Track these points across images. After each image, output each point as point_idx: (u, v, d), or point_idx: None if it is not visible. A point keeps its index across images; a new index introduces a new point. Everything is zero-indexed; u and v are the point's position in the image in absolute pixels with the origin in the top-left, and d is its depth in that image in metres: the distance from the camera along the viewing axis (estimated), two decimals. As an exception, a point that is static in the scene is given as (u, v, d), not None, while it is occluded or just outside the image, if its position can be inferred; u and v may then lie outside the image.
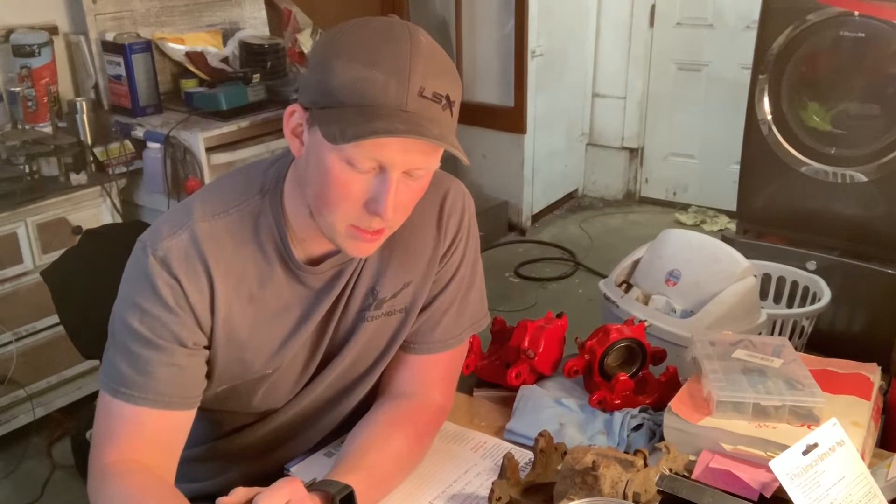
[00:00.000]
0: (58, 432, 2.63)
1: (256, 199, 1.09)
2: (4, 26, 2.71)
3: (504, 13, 4.10)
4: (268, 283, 1.09)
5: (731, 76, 4.15)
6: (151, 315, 1.03)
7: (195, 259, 1.04)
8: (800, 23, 2.61)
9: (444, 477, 1.17)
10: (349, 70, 0.94)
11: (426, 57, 0.95)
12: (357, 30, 0.97)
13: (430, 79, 0.95)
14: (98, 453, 1.04)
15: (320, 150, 0.98)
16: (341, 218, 1.01)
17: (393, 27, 0.97)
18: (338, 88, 0.94)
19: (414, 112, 0.94)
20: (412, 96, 0.94)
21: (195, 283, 1.04)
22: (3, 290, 2.44)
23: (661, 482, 1.05)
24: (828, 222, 2.73)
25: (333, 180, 0.98)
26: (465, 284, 1.23)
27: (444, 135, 0.96)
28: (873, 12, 2.38)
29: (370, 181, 0.98)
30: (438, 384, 1.23)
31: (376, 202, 0.98)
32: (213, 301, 1.06)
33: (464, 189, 1.23)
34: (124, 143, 2.74)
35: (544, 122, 4.30)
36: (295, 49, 3.39)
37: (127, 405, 1.03)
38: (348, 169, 0.97)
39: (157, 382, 1.03)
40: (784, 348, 1.29)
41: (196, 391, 1.08)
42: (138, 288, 1.04)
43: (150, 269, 1.03)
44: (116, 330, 1.06)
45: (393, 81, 0.93)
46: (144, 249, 1.04)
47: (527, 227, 4.37)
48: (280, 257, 1.09)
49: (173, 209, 1.11)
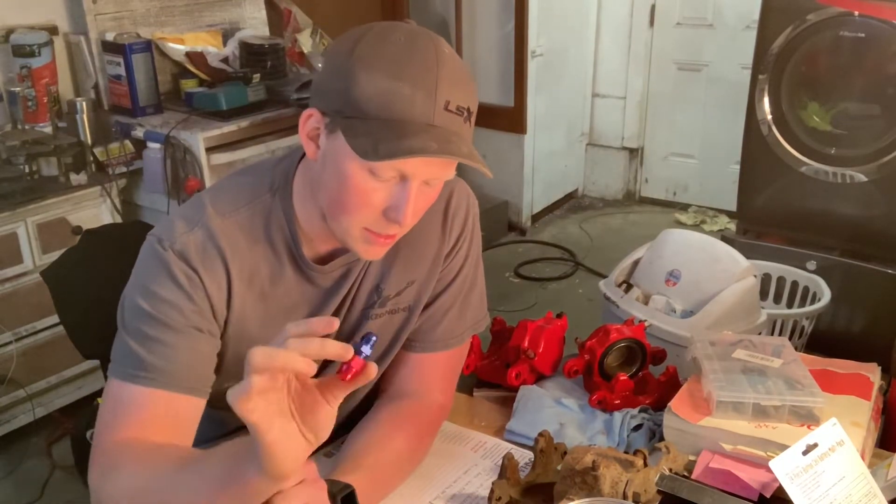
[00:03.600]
0: (58, 432, 2.62)
1: (266, 197, 1.09)
2: (4, 26, 2.71)
3: (504, 13, 4.10)
4: (278, 281, 1.10)
5: (731, 76, 4.15)
6: (168, 301, 1.02)
7: (213, 253, 1.04)
8: (800, 23, 2.61)
9: (444, 477, 1.18)
10: (375, 81, 0.94)
11: (451, 70, 0.96)
12: (381, 39, 0.97)
13: (455, 92, 0.96)
14: (104, 438, 1.00)
15: (340, 156, 0.98)
16: (357, 223, 1.01)
17: (417, 38, 0.97)
18: (363, 99, 0.94)
19: (441, 127, 0.95)
20: (439, 110, 0.95)
21: (213, 276, 1.04)
22: (3, 290, 2.44)
23: (661, 482, 1.05)
24: (828, 222, 2.73)
25: (353, 188, 0.98)
26: (467, 284, 1.24)
27: (472, 151, 0.97)
28: (873, 12, 2.38)
29: (390, 189, 0.99)
30: (439, 384, 1.24)
31: (396, 210, 0.99)
32: (230, 295, 1.06)
33: (468, 190, 1.24)
34: (124, 143, 2.74)
35: (544, 122, 4.30)
36: (295, 49, 3.39)
37: (140, 388, 1.00)
38: (370, 178, 0.97)
39: (173, 365, 1.01)
40: (784, 348, 1.29)
41: (209, 379, 1.07)
42: (154, 277, 1.03)
43: (168, 261, 1.02)
44: (128, 318, 1.04)
45: (420, 95, 0.94)
46: (160, 243, 1.04)
47: (527, 227, 4.37)
48: (290, 255, 1.10)
49: (184, 206, 1.11)
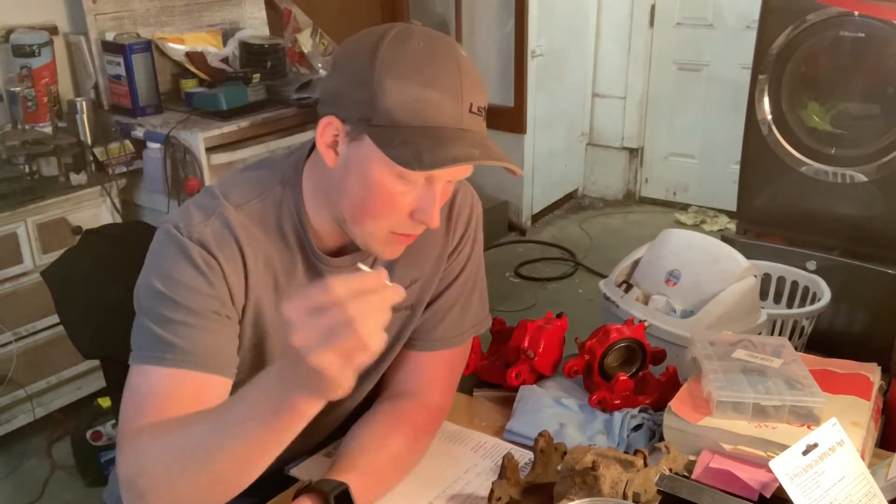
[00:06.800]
0: (58, 432, 2.62)
1: (277, 189, 1.10)
2: (4, 26, 2.71)
3: (504, 13, 4.10)
4: (292, 275, 1.10)
5: (731, 76, 4.15)
6: (189, 286, 1.02)
7: (231, 242, 1.05)
8: (800, 23, 2.61)
9: (444, 477, 1.17)
10: (404, 90, 0.95)
11: (470, 72, 0.99)
12: (401, 45, 0.97)
13: (476, 94, 0.99)
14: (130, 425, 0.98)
15: (367, 162, 0.99)
16: (384, 227, 1.03)
17: (435, 42, 0.99)
18: (393, 108, 0.95)
19: (470, 130, 0.98)
20: (465, 114, 0.97)
21: (232, 264, 1.04)
22: (3, 290, 2.44)
23: (661, 482, 1.05)
24: (828, 222, 2.73)
25: (383, 192, 1.00)
26: (469, 284, 1.24)
27: (502, 152, 0.99)
28: (873, 12, 2.37)
29: (417, 192, 1.01)
30: (438, 383, 1.24)
31: (424, 212, 1.01)
32: (247, 284, 1.07)
33: (472, 191, 1.25)
34: (124, 143, 2.73)
35: (544, 122, 4.30)
36: (295, 49, 3.39)
37: (166, 370, 0.99)
38: (399, 182, 0.99)
39: (199, 346, 1.00)
40: (784, 348, 1.29)
41: (235, 360, 1.06)
42: (173, 263, 1.03)
43: (187, 247, 1.02)
44: (147, 304, 1.03)
45: (448, 100, 0.96)
46: (178, 230, 1.04)
47: (527, 227, 4.37)
48: (301, 247, 1.10)
49: (197, 197, 1.11)
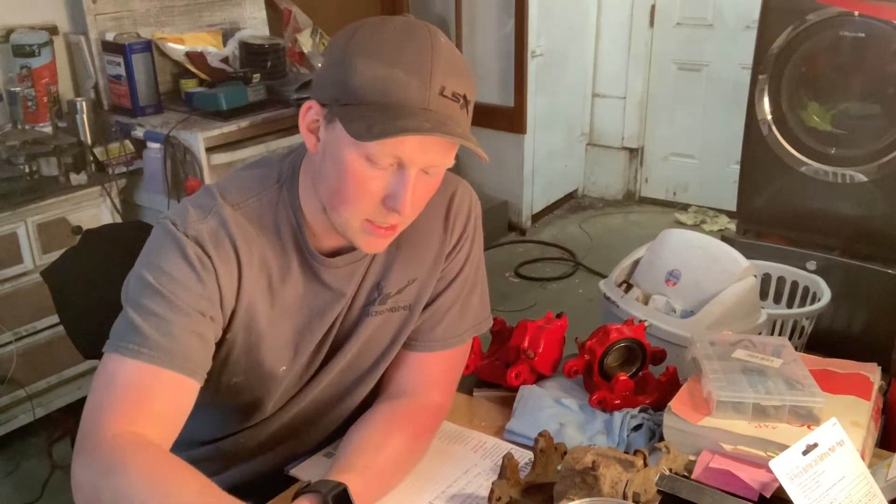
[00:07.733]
0: (58, 432, 2.62)
1: (274, 188, 1.10)
2: (4, 26, 2.71)
3: (504, 13, 4.10)
4: (286, 277, 1.10)
5: (731, 76, 4.14)
6: (178, 280, 1.01)
7: (226, 242, 1.04)
8: (800, 23, 2.61)
9: (444, 477, 1.17)
10: (371, 68, 0.95)
11: (446, 57, 0.97)
12: (377, 29, 0.98)
13: (450, 78, 0.97)
14: (95, 425, 0.96)
15: (339, 146, 0.99)
16: (357, 213, 1.02)
17: (412, 27, 0.98)
18: (360, 86, 0.95)
19: (435, 111, 0.96)
20: (433, 95, 0.96)
21: (226, 264, 1.04)
22: (3, 290, 2.43)
23: (661, 482, 1.05)
24: (828, 222, 2.73)
25: (352, 176, 0.99)
26: (468, 284, 1.24)
27: (466, 133, 0.98)
28: (873, 12, 2.38)
29: (388, 177, 1.00)
30: (438, 384, 1.23)
31: (394, 198, 1.00)
32: (240, 286, 1.06)
33: (471, 191, 1.24)
34: (124, 143, 2.73)
35: (544, 122, 4.30)
36: (295, 49, 3.39)
37: (139, 364, 0.97)
38: (368, 165, 0.98)
39: (175, 344, 0.99)
40: (784, 348, 1.29)
41: (207, 365, 1.04)
42: (166, 256, 1.02)
43: (183, 242, 1.02)
44: (133, 293, 1.02)
45: (415, 80, 0.95)
46: (174, 225, 1.03)
47: (527, 227, 4.37)
48: (296, 247, 1.10)
49: (195, 196, 1.10)
